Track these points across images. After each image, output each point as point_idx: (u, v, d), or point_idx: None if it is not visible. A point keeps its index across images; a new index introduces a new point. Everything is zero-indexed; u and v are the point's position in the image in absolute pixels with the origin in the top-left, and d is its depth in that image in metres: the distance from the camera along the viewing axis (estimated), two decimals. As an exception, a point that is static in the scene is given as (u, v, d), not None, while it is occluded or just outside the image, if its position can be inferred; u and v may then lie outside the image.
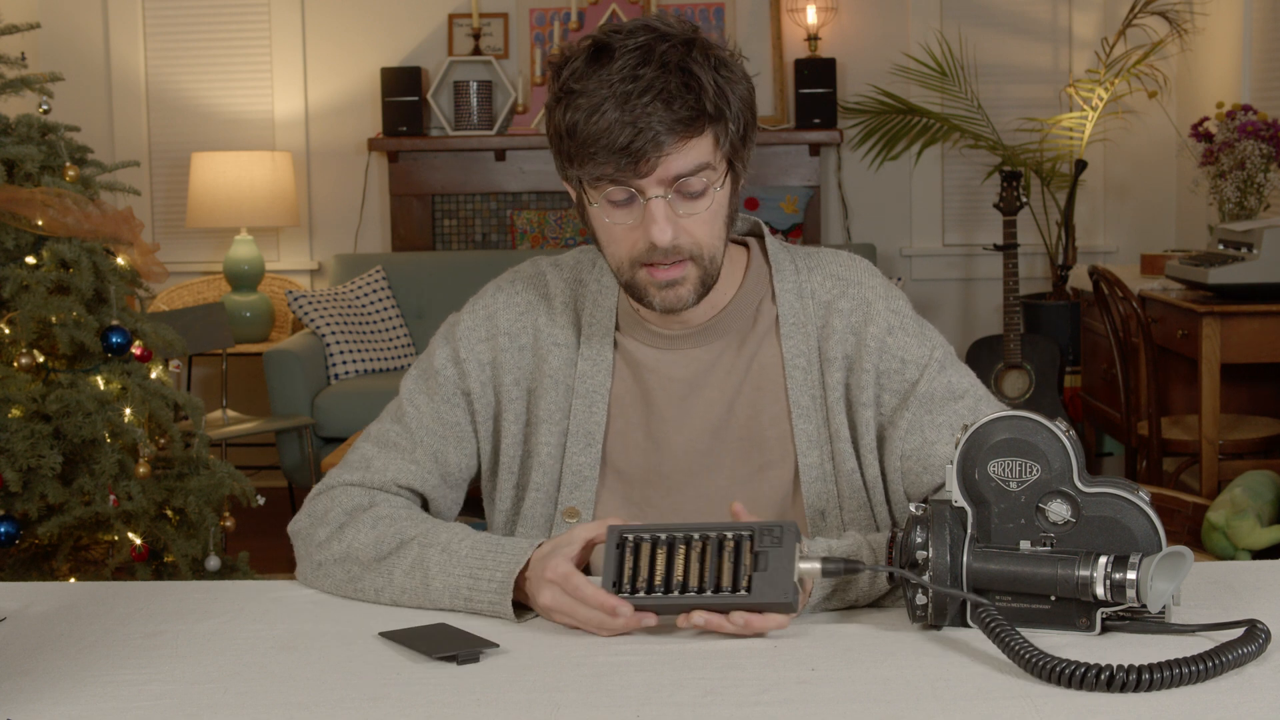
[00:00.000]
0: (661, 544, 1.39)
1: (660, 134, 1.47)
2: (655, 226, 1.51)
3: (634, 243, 1.54)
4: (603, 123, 1.46)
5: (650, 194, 1.50)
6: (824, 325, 1.65)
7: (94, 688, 1.29)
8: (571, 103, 1.49)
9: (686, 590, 1.37)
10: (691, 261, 1.55)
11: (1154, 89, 5.58)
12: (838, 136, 5.74)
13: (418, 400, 1.69)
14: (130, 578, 2.89)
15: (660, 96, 1.46)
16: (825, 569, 1.37)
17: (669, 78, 1.47)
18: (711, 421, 1.65)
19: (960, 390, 1.62)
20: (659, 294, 1.56)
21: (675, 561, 1.39)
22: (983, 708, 1.18)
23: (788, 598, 1.34)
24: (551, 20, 5.89)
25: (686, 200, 1.52)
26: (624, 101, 1.46)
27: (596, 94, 1.47)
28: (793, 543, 1.36)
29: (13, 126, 2.91)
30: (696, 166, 1.51)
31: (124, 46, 5.98)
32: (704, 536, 1.39)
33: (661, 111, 1.46)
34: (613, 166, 1.48)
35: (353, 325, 5.42)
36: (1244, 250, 4.08)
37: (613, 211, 1.53)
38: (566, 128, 1.50)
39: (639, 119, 1.46)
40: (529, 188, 5.90)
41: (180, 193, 5.97)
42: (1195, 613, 1.37)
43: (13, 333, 2.81)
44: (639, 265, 1.55)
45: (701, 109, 1.49)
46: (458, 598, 1.48)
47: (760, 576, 1.35)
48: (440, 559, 1.50)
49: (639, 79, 1.47)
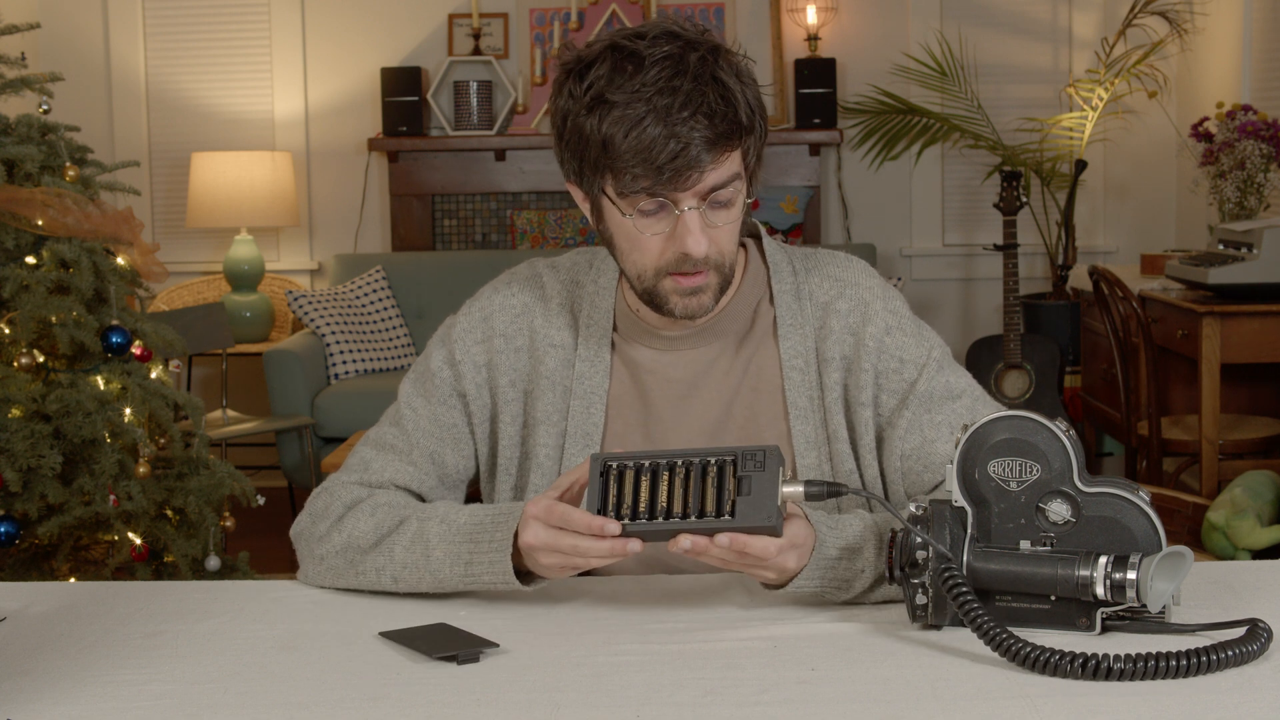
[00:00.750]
0: (645, 471, 1.39)
1: (702, 152, 1.47)
2: (691, 238, 1.51)
3: (663, 252, 1.53)
4: (644, 138, 1.45)
5: (685, 206, 1.50)
6: (822, 326, 1.65)
7: (94, 688, 1.29)
8: (606, 114, 1.48)
9: (671, 516, 1.37)
10: (714, 270, 1.56)
11: (1154, 89, 5.58)
12: (838, 136, 5.74)
13: (415, 403, 1.69)
14: (130, 578, 2.89)
15: (701, 110, 1.46)
16: (808, 491, 1.37)
17: (706, 90, 1.47)
18: (709, 422, 1.65)
19: (958, 390, 1.62)
20: (682, 301, 1.56)
21: (659, 487, 1.38)
22: (983, 707, 1.18)
23: (771, 520, 1.34)
24: (551, 20, 5.89)
25: (717, 210, 1.53)
26: (665, 115, 1.45)
27: (633, 107, 1.46)
28: (776, 466, 1.36)
29: (13, 126, 2.91)
30: (729, 178, 1.51)
31: (124, 46, 5.98)
32: (687, 462, 1.39)
33: (704, 128, 1.46)
34: (651, 180, 1.48)
35: (353, 325, 5.42)
36: (1244, 250, 4.08)
37: (643, 221, 1.52)
38: (602, 140, 1.48)
39: (681, 134, 1.45)
40: (529, 188, 5.90)
41: (180, 193, 5.97)
42: (1195, 613, 1.37)
43: (13, 333, 2.81)
44: (665, 274, 1.55)
45: (738, 123, 1.49)
46: (458, 563, 1.48)
47: (744, 500, 1.35)
48: (440, 529, 1.51)
49: (676, 91, 1.46)
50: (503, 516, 1.49)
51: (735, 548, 1.35)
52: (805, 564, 1.42)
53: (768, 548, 1.36)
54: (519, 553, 1.46)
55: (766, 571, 1.40)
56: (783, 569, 1.40)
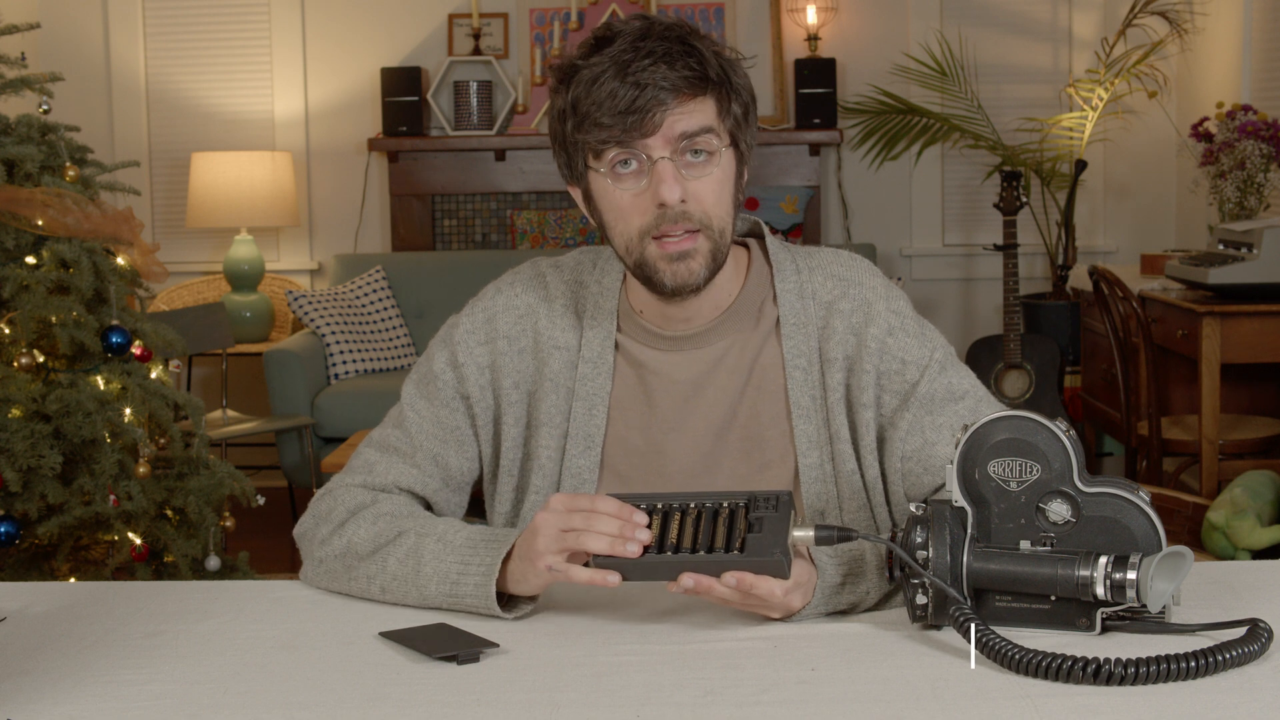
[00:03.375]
0: (658, 511, 1.40)
1: (663, 90, 1.49)
2: (664, 185, 1.51)
3: (643, 210, 1.53)
4: (606, 88, 1.49)
5: (656, 154, 1.51)
6: (825, 326, 1.65)
7: (94, 688, 1.29)
8: (572, 79, 1.52)
9: (680, 551, 1.37)
10: (702, 233, 1.54)
11: (1154, 89, 5.58)
12: (838, 136, 5.74)
13: (418, 405, 1.69)
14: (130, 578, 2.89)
15: (662, 59, 1.49)
16: (818, 536, 1.37)
17: (670, 45, 1.50)
18: (713, 423, 1.65)
19: (960, 391, 1.62)
20: (669, 268, 1.55)
21: (670, 526, 1.39)
22: (983, 708, 1.18)
23: (780, 560, 1.34)
24: (551, 20, 5.89)
25: (693, 165, 1.53)
26: (625, 67, 1.49)
27: (597, 66, 1.50)
28: (788, 510, 1.36)
29: (13, 126, 2.91)
30: (700, 128, 1.52)
31: (124, 46, 5.98)
32: (700, 504, 1.40)
33: (664, 69, 1.49)
34: (619, 129, 1.49)
35: (353, 325, 5.42)
36: (1244, 250, 4.08)
37: (619, 181, 1.53)
38: (570, 103, 1.52)
39: (641, 79, 1.48)
40: (529, 188, 5.90)
41: (180, 193, 5.97)
42: (1195, 613, 1.37)
43: (13, 333, 2.81)
44: (649, 238, 1.54)
45: (704, 73, 1.51)
46: (445, 581, 1.48)
47: (754, 538, 1.36)
48: (435, 548, 1.51)
49: (639, 49, 1.50)
50: (495, 541, 1.48)
51: (742, 587, 1.35)
52: (809, 600, 1.41)
53: (774, 590, 1.36)
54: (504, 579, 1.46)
55: (771, 611, 1.40)
56: (787, 608, 1.40)
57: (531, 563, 1.42)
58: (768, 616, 1.42)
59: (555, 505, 1.42)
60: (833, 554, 1.45)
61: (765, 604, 1.38)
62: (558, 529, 1.40)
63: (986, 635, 1.27)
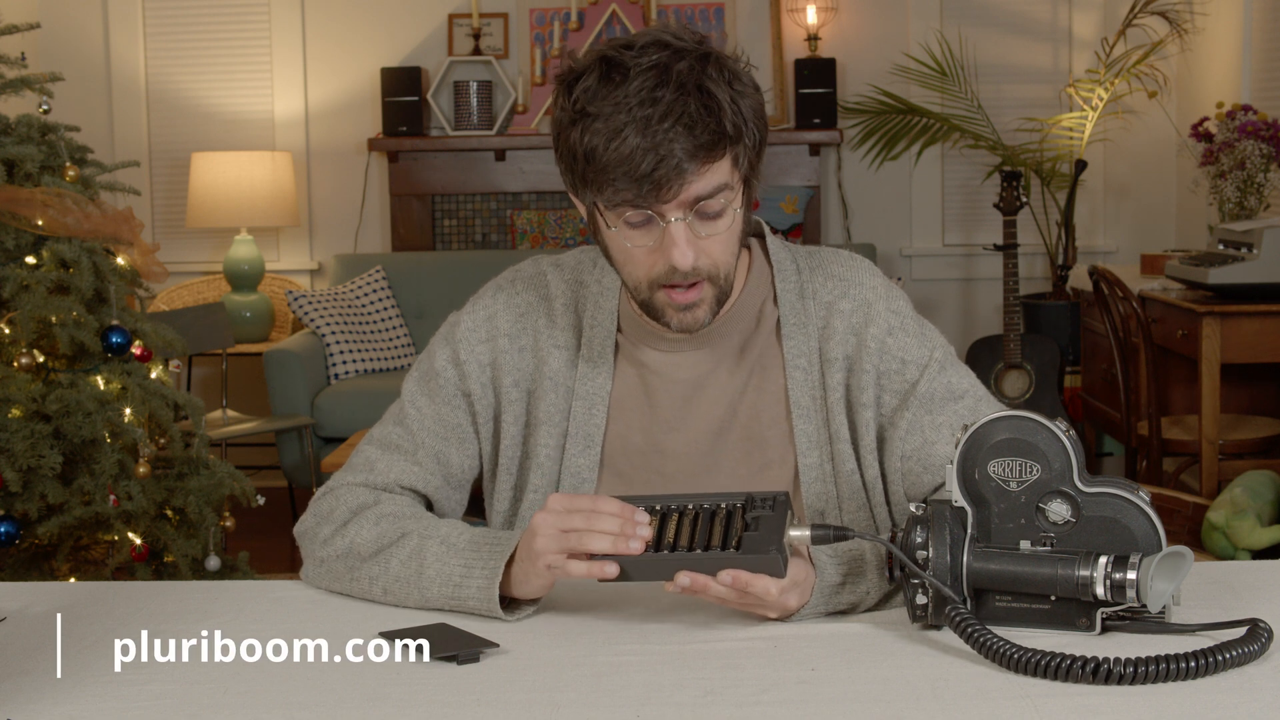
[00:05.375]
0: (656, 512, 1.40)
1: (683, 161, 1.45)
2: (676, 250, 1.49)
3: (653, 264, 1.53)
4: (624, 149, 1.44)
5: (670, 218, 1.49)
6: (825, 326, 1.65)
7: (94, 688, 1.28)
8: (588, 126, 1.46)
9: (676, 550, 1.38)
10: (708, 282, 1.54)
11: (1154, 89, 5.57)
12: (838, 136, 5.74)
13: (419, 402, 1.69)
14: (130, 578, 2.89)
15: (681, 121, 1.44)
16: (814, 535, 1.37)
17: (688, 100, 1.45)
18: (714, 423, 1.65)
19: (960, 391, 1.62)
20: (676, 316, 1.55)
21: (668, 526, 1.39)
22: (983, 708, 1.18)
23: (775, 557, 1.34)
24: (551, 20, 5.88)
25: (705, 221, 1.51)
26: (644, 127, 1.44)
27: (615, 118, 1.45)
28: (784, 509, 1.37)
29: (13, 126, 2.91)
30: (715, 189, 1.49)
31: (124, 46, 5.98)
32: (698, 505, 1.40)
33: (684, 138, 1.44)
34: (633, 193, 1.46)
35: (353, 325, 5.42)
36: (1244, 250, 4.08)
37: (630, 234, 1.52)
38: (585, 152, 1.47)
39: (660, 145, 1.44)
40: (529, 188, 5.89)
41: (180, 193, 5.97)
42: (1195, 613, 1.37)
43: (13, 333, 2.81)
44: (657, 287, 1.54)
45: (722, 132, 1.47)
46: (448, 584, 1.48)
47: (750, 537, 1.36)
48: (438, 550, 1.51)
49: (657, 102, 1.44)
50: (498, 544, 1.48)
51: (737, 586, 1.35)
52: (807, 600, 1.41)
53: (769, 589, 1.36)
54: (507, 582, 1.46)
55: (768, 610, 1.40)
56: (784, 608, 1.40)
57: (532, 563, 1.42)
58: (765, 616, 1.42)
59: (554, 505, 1.42)
60: (833, 554, 1.45)
61: (761, 602, 1.38)
62: (557, 529, 1.40)
63: (985, 635, 1.27)
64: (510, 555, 1.46)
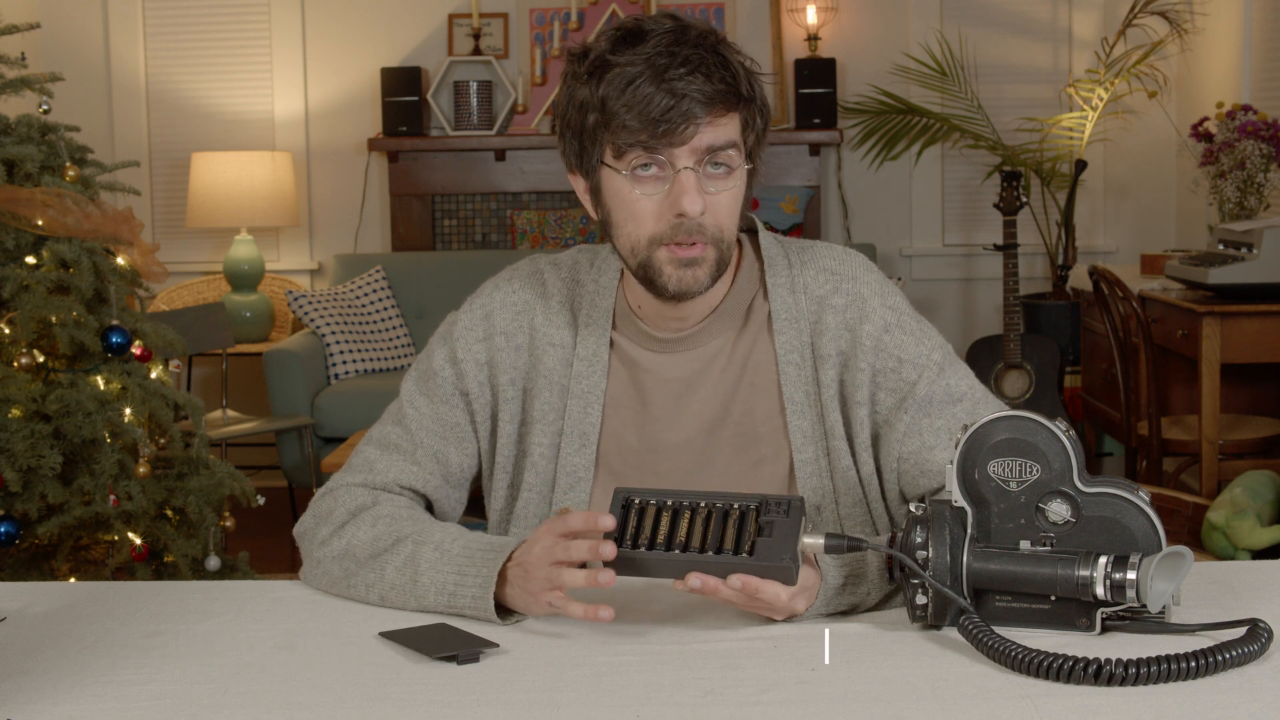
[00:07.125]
0: (667, 508, 1.40)
1: (698, 104, 1.48)
2: (686, 197, 1.50)
3: (659, 216, 1.53)
4: (641, 93, 1.48)
5: (681, 164, 1.50)
6: (817, 321, 1.64)
7: (94, 688, 1.29)
8: (604, 76, 1.50)
9: (688, 550, 1.37)
10: (711, 245, 1.55)
11: (1154, 89, 5.58)
12: (838, 136, 5.74)
13: (417, 402, 1.69)
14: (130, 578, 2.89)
15: (699, 69, 1.48)
16: (828, 544, 1.37)
17: (705, 55, 1.50)
18: (707, 419, 1.64)
19: (959, 393, 1.61)
20: (676, 273, 1.55)
21: (680, 524, 1.39)
22: (983, 708, 1.18)
23: (788, 564, 1.34)
24: (551, 20, 5.89)
25: (713, 179, 1.53)
26: (661, 73, 1.48)
27: (632, 67, 1.49)
28: (799, 516, 1.36)
29: (13, 126, 2.91)
30: (726, 142, 1.52)
31: (124, 46, 5.98)
32: (710, 504, 1.40)
33: (701, 83, 1.48)
34: (647, 134, 1.48)
35: (353, 325, 5.42)
36: (1244, 250, 4.08)
37: (639, 183, 1.52)
38: (600, 99, 1.50)
39: (677, 88, 1.47)
40: (529, 188, 5.89)
41: (180, 193, 5.97)
42: (1195, 613, 1.37)
43: (13, 333, 2.81)
44: (659, 244, 1.54)
45: (736, 89, 1.51)
46: (443, 593, 1.48)
47: (763, 542, 1.36)
48: (433, 556, 1.51)
49: (675, 55, 1.48)
50: (492, 551, 1.48)
51: (747, 590, 1.35)
52: (813, 604, 1.42)
53: (779, 595, 1.36)
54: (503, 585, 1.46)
55: (775, 614, 1.40)
56: (791, 612, 1.40)
57: (534, 597, 1.42)
58: (770, 618, 1.42)
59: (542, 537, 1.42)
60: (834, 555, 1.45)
61: (770, 607, 1.38)
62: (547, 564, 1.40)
63: (986, 635, 1.27)
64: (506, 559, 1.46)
